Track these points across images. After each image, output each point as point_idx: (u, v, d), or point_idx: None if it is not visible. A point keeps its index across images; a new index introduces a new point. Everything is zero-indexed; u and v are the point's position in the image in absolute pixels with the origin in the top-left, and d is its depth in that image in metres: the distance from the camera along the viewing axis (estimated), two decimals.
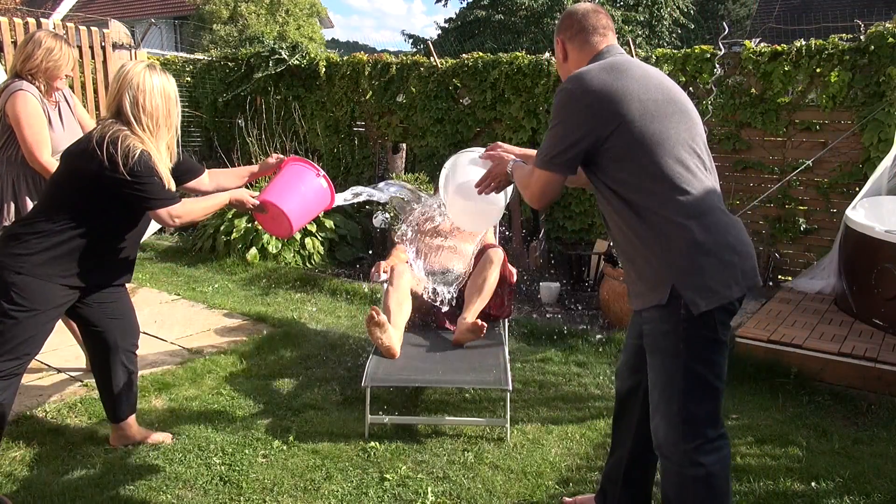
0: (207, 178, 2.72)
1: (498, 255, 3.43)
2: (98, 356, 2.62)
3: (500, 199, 2.54)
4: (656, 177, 1.73)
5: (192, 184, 2.67)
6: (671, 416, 1.77)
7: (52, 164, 2.86)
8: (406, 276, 3.43)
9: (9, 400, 2.33)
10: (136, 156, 2.24)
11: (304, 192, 2.63)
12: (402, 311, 3.29)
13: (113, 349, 2.58)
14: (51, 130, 2.99)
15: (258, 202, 2.56)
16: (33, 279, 2.27)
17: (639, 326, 1.90)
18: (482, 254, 3.49)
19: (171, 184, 2.39)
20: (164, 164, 2.38)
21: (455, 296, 3.59)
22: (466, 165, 2.56)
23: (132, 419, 2.75)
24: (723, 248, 1.73)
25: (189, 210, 2.42)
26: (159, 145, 2.37)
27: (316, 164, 2.71)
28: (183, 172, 2.61)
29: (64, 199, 2.32)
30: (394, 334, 3.14)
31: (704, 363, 1.75)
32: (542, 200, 1.90)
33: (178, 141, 2.48)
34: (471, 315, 3.23)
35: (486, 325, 3.15)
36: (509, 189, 2.42)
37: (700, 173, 1.78)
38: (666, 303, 1.72)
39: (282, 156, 2.77)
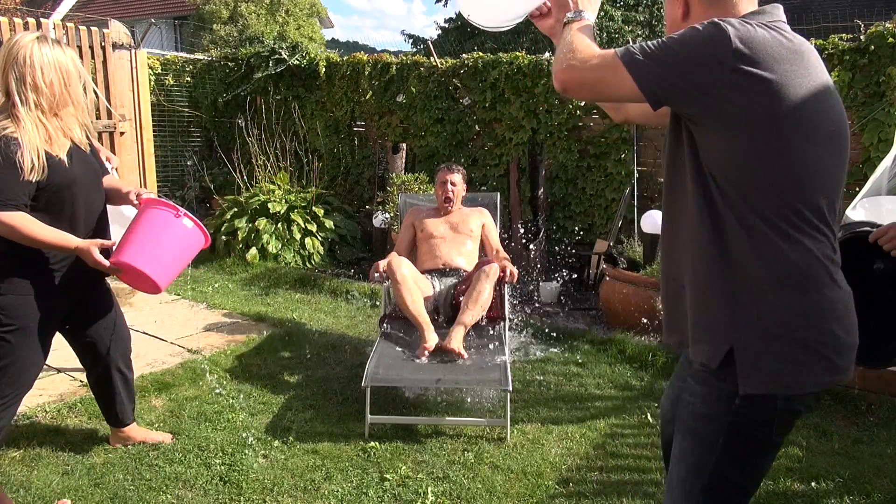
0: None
1: (493, 269, 3.43)
2: (94, 366, 2.57)
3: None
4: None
5: None
6: None
7: None
8: (406, 266, 3.46)
9: (5, 423, 2.23)
10: None
11: (166, 242, 2.27)
12: (421, 305, 3.36)
13: (107, 357, 2.54)
14: None
15: (108, 263, 2.19)
16: (14, 296, 2.15)
17: (685, 373, 1.49)
18: (479, 267, 3.50)
19: (43, 173, 2.08)
20: (61, 148, 2.16)
21: (451, 302, 3.61)
22: None
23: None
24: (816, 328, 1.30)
25: (19, 225, 2.06)
26: (66, 125, 2.16)
27: (173, 204, 2.33)
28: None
29: None
30: (432, 335, 3.25)
31: (743, 468, 1.37)
32: (581, 90, 1.40)
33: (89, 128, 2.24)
34: (455, 341, 3.21)
35: (465, 355, 3.17)
36: None
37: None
38: (717, 367, 1.32)
39: (140, 190, 2.40)
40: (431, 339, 3.19)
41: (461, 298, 3.51)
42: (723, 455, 1.35)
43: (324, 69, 7.02)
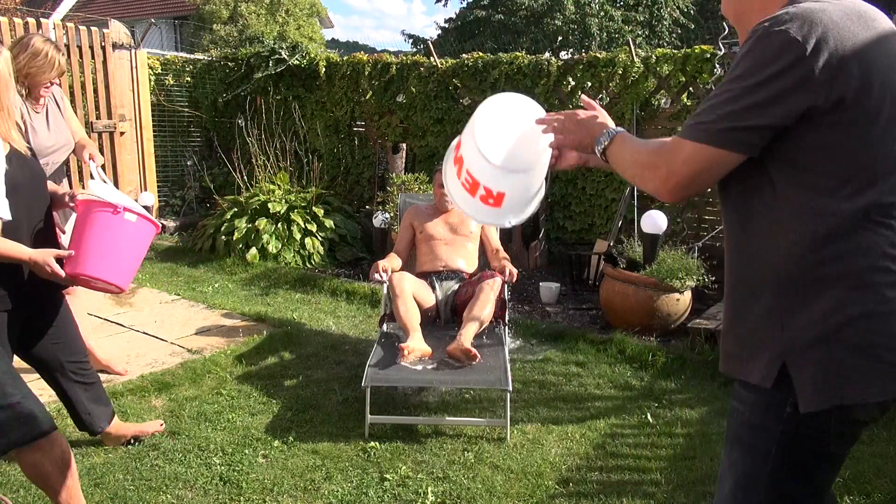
0: None
1: (496, 283, 3.46)
2: (49, 378, 2.45)
3: (539, 173, 1.61)
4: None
5: None
6: None
7: None
8: (407, 281, 3.47)
9: None
10: None
11: (114, 243, 2.16)
12: (413, 315, 3.34)
13: (58, 367, 2.42)
14: (34, 135, 2.97)
15: (64, 274, 2.07)
16: None
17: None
18: (480, 280, 3.51)
19: None
20: None
21: (453, 307, 3.61)
22: (504, 118, 1.66)
23: (115, 422, 2.68)
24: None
25: None
26: (5, 131, 2.06)
27: (109, 201, 2.18)
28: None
29: None
30: (419, 343, 3.19)
31: (799, 481, 1.25)
32: (690, 189, 1.22)
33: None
34: (466, 339, 3.22)
35: (478, 355, 3.13)
36: (540, 193, 1.67)
37: None
38: (771, 386, 1.20)
39: (73, 191, 2.31)
40: (414, 343, 3.16)
41: (462, 298, 3.53)
42: (776, 467, 1.24)
43: (324, 69, 7.02)
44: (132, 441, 2.76)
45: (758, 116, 1.12)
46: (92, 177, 2.48)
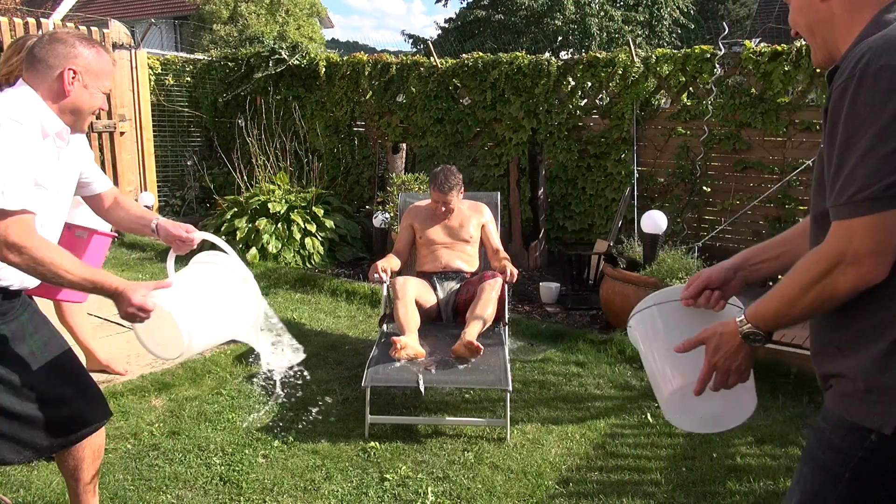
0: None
1: (497, 282, 3.47)
2: None
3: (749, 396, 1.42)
4: None
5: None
6: None
7: None
8: (411, 285, 3.47)
9: None
10: None
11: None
12: (412, 318, 3.34)
13: None
14: None
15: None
16: None
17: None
18: (481, 280, 3.51)
19: None
20: None
21: (454, 307, 3.62)
22: (667, 328, 1.45)
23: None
24: None
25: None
26: None
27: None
28: None
29: None
30: (413, 342, 3.19)
31: None
32: (887, 258, 1.06)
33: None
34: (470, 334, 3.23)
35: (482, 347, 3.13)
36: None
37: None
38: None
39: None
40: (407, 340, 3.15)
41: (464, 297, 3.54)
42: (844, 492, 1.18)
43: (324, 69, 7.02)
44: None
45: None
46: None
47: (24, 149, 1.67)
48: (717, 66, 5.05)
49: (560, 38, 17.79)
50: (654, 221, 4.21)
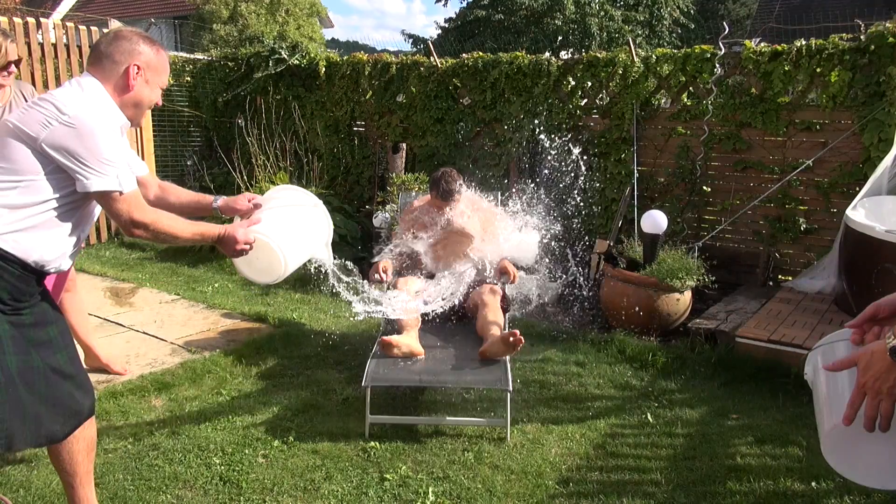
0: None
1: (497, 287, 3.50)
2: None
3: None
4: None
5: None
6: None
7: None
8: (410, 285, 3.47)
9: None
10: None
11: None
12: (414, 319, 3.34)
13: None
14: None
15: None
16: None
17: None
18: (481, 284, 3.52)
19: None
20: None
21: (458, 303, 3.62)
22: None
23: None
24: None
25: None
26: None
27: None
28: None
29: None
30: (410, 340, 3.18)
31: None
32: None
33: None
34: (498, 332, 3.20)
35: (522, 339, 3.05)
36: None
37: None
38: None
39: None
40: (405, 339, 3.15)
41: (465, 302, 3.56)
42: None
43: (324, 69, 7.01)
44: None
45: None
46: None
47: (117, 136, 1.85)
48: (718, 65, 5.04)
49: (560, 38, 17.77)
50: (655, 221, 4.21)
